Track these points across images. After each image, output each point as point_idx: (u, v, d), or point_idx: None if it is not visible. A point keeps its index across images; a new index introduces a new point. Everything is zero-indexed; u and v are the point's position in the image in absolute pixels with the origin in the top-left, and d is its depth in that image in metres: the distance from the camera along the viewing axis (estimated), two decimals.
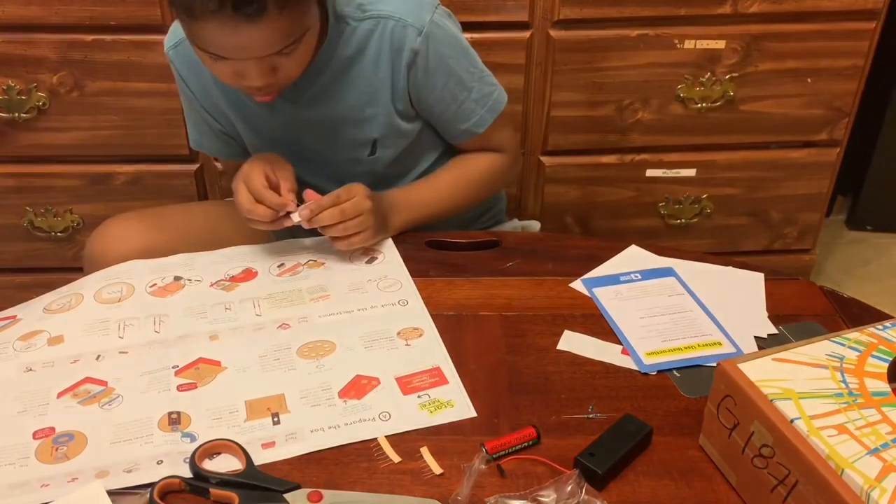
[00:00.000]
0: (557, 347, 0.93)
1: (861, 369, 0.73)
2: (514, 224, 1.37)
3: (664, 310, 0.98)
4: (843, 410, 0.69)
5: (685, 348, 0.92)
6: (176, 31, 1.12)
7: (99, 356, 0.91)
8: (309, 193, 1.05)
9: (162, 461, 0.77)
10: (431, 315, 0.97)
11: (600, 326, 0.96)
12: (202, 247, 1.10)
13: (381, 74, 1.09)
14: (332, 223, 1.03)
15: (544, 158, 1.64)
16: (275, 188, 1.05)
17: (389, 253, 1.09)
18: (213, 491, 0.74)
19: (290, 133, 1.15)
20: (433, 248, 1.12)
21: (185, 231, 1.14)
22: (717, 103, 1.58)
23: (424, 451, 0.79)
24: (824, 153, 1.67)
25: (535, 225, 1.39)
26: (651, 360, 0.90)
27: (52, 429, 0.81)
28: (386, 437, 0.80)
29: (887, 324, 0.79)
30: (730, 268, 1.06)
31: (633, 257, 1.08)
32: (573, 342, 0.93)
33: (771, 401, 0.70)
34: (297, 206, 1.04)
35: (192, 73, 1.13)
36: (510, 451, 0.78)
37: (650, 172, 1.66)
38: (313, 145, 1.16)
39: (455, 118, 1.16)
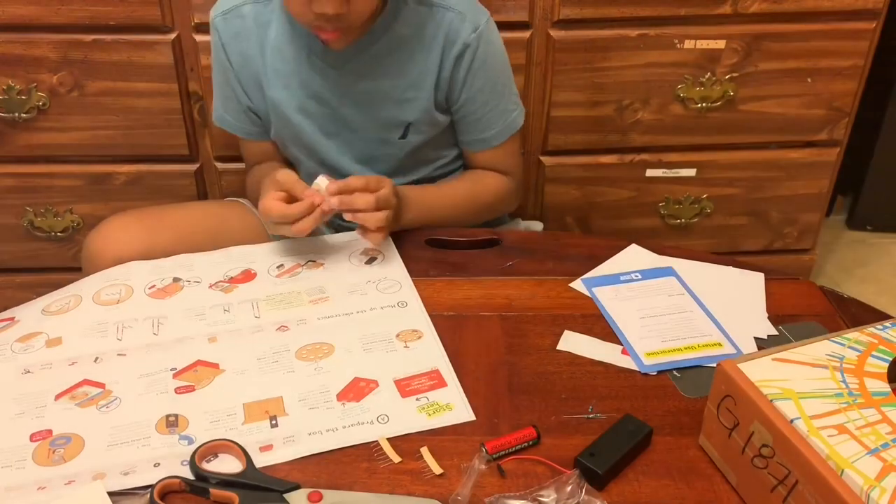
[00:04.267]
0: (557, 347, 0.92)
1: (861, 369, 0.73)
2: (518, 225, 1.37)
3: (664, 310, 0.98)
4: (843, 410, 0.69)
5: (685, 348, 0.92)
6: (225, 1, 1.15)
7: (97, 358, 0.91)
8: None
9: (159, 464, 0.77)
10: (431, 315, 0.97)
11: (600, 326, 0.96)
12: (201, 247, 1.10)
13: (431, 61, 1.13)
14: (364, 209, 1.03)
15: (544, 158, 1.64)
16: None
17: (389, 253, 1.09)
18: (214, 491, 0.74)
19: (329, 103, 1.16)
20: (433, 247, 1.12)
21: (183, 231, 1.14)
22: (717, 103, 1.57)
23: (424, 452, 0.78)
24: (824, 153, 1.67)
25: (537, 226, 1.39)
26: (651, 360, 0.90)
27: (50, 431, 0.81)
28: (386, 437, 0.80)
29: (887, 324, 0.79)
30: (730, 268, 1.06)
31: (633, 257, 1.08)
32: (573, 342, 0.93)
33: (771, 401, 0.70)
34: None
35: (236, 42, 1.15)
36: (510, 451, 0.78)
37: (650, 172, 1.66)
38: (348, 118, 1.17)
39: (477, 124, 1.19)
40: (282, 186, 1.04)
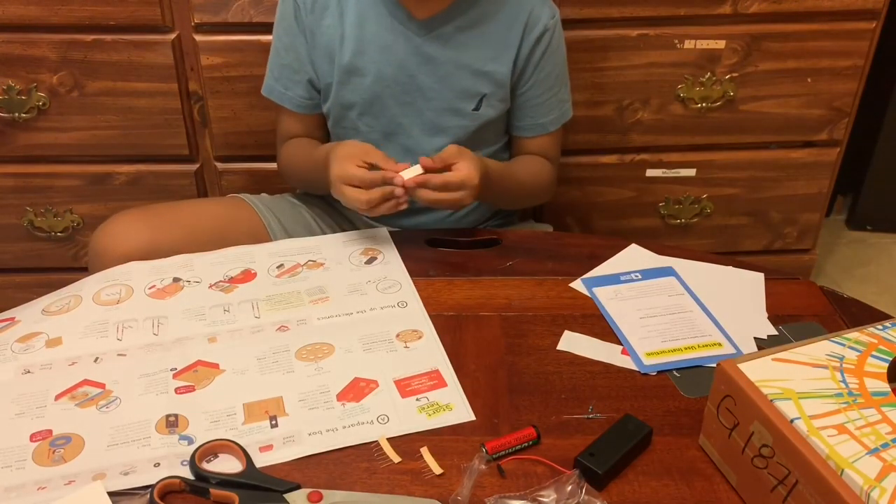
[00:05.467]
0: (557, 347, 0.92)
1: (861, 369, 0.73)
2: (532, 227, 1.38)
3: (664, 310, 0.98)
4: (843, 410, 0.69)
5: (685, 348, 0.92)
6: None
7: (97, 358, 0.91)
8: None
9: (159, 464, 0.77)
10: (431, 315, 0.97)
11: (600, 326, 0.96)
12: (207, 244, 1.10)
13: (511, 38, 1.18)
14: (438, 185, 1.03)
15: None
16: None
17: (389, 253, 1.09)
18: (214, 491, 0.74)
19: (408, 70, 1.17)
20: (433, 247, 1.12)
21: (190, 229, 1.14)
22: (717, 103, 1.57)
23: (424, 452, 0.78)
24: (824, 153, 1.67)
25: (547, 229, 1.39)
26: (651, 360, 0.90)
27: (50, 431, 0.81)
28: (386, 437, 0.80)
29: (887, 324, 0.79)
30: (730, 268, 1.06)
31: (634, 257, 1.08)
32: (573, 342, 0.93)
33: (771, 401, 0.70)
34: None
35: (312, 9, 1.17)
36: (510, 451, 0.78)
37: (650, 172, 1.66)
38: (425, 86, 1.19)
39: (539, 108, 1.24)
40: (367, 156, 1.04)
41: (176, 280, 1.03)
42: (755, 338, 0.94)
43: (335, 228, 1.31)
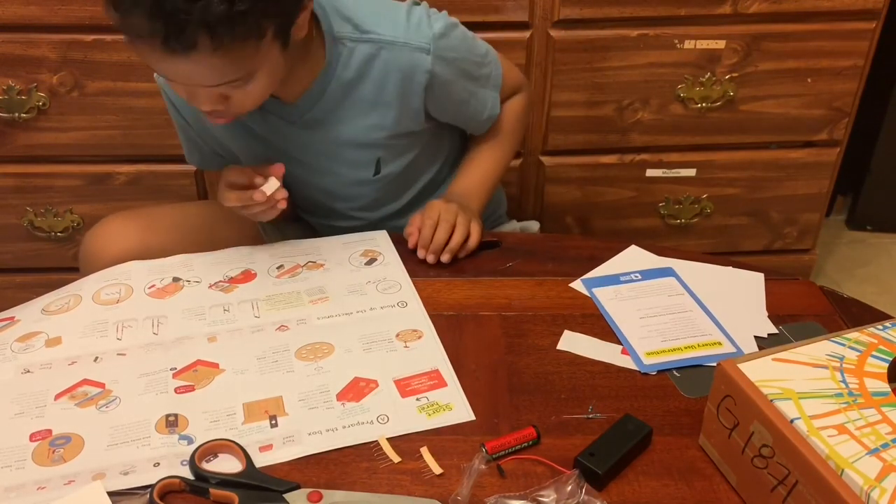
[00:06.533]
0: (557, 347, 0.92)
1: (861, 369, 0.73)
2: (513, 225, 1.37)
3: (664, 310, 0.98)
4: (843, 410, 0.69)
5: (685, 348, 0.92)
6: None
7: (97, 358, 0.91)
8: (275, 169, 1.03)
9: (159, 463, 0.77)
10: (431, 315, 0.97)
11: (600, 326, 0.96)
12: (198, 247, 1.10)
13: (387, 97, 1.07)
14: (446, 236, 1.05)
15: (544, 158, 1.64)
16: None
17: (389, 254, 1.09)
18: (213, 491, 0.74)
19: (291, 155, 1.12)
20: None
21: (181, 230, 1.14)
22: (717, 103, 1.57)
23: (424, 452, 0.78)
24: (824, 153, 1.67)
25: (534, 225, 1.39)
26: (651, 360, 0.90)
27: (49, 431, 0.81)
28: (386, 437, 0.80)
29: (887, 324, 0.79)
30: (730, 268, 1.06)
31: (633, 257, 1.08)
32: (573, 342, 0.93)
33: (771, 401, 0.70)
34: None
35: (178, 97, 1.09)
36: (510, 451, 0.78)
37: (650, 172, 1.66)
38: (316, 167, 1.14)
39: (475, 112, 1.17)
40: (233, 185, 1.04)
41: (176, 280, 1.03)
42: (755, 337, 0.94)
43: (329, 232, 1.31)
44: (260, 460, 0.77)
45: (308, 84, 1.04)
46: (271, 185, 1.01)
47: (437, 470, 0.77)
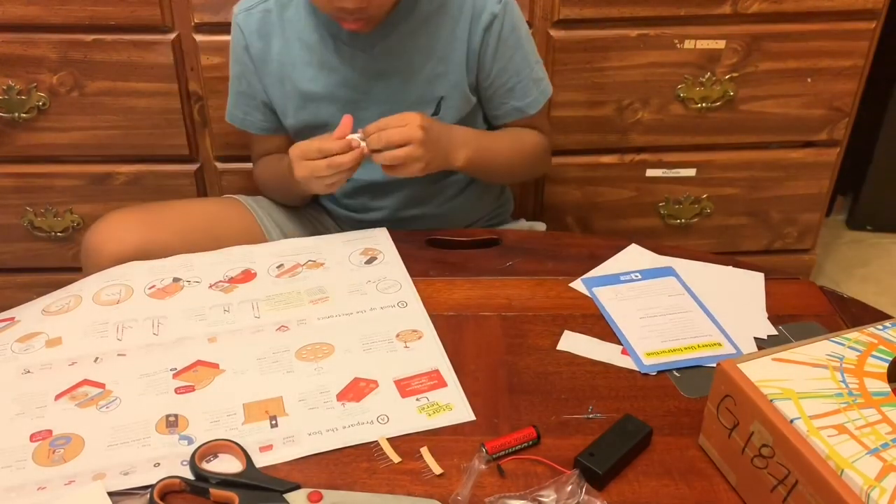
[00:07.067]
0: (557, 347, 0.92)
1: (861, 369, 0.73)
2: (522, 224, 1.38)
3: (664, 310, 0.98)
4: (843, 410, 0.69)
5: (685, 348, 0.92)
6: None
7: (97, 358, 0.91)
8: (346, 120, 1.05)
9: (159, 464, 0.77)
10: (431, 315, 0.97)
11: (600, 326, 0.96)
12: (199, 244, 1.10)
13: (459, 34, 1.13)
14: (378, 147, 1.03)
15: None
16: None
17: (389, 253, 1.09)
18: (213, 491, 0.74)
19: (359, 87, 1.16)
20: (433, 247, 1.12)
21: (182, 228, 1.14)
22: (717, 103, 1.57)
23: (424, 452, 0.78)
24: (824, 153, 1.67)
25: (540, 226, 1.39)
26: (651, 360, 0.90)
27: (50, 431, 0.81)
28: (386, 437, 0.80)
29: (887, 324, 0.79)
30: (730, 268, 1.06)
31: (633, 257, 1.08)
32: (573, 342, 0.93)
33: (771, 401, 0.70)
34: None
35: (259, 37, 1.16)
36: (510, 451, 0.78)
37: (650, 172, 1.66)
38: (379, 99, 1.17)
39: (511, 93, 1.19)
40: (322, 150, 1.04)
41: (176, 280, 1.03)
42: (755, 338, 0.94)
43: (333, 228, 1.31)
44: (260, 460, 0.77)
45: (386, 16, 1.10)
46: (359, 136, 1.03)
47: (437, 470, 0.77)
